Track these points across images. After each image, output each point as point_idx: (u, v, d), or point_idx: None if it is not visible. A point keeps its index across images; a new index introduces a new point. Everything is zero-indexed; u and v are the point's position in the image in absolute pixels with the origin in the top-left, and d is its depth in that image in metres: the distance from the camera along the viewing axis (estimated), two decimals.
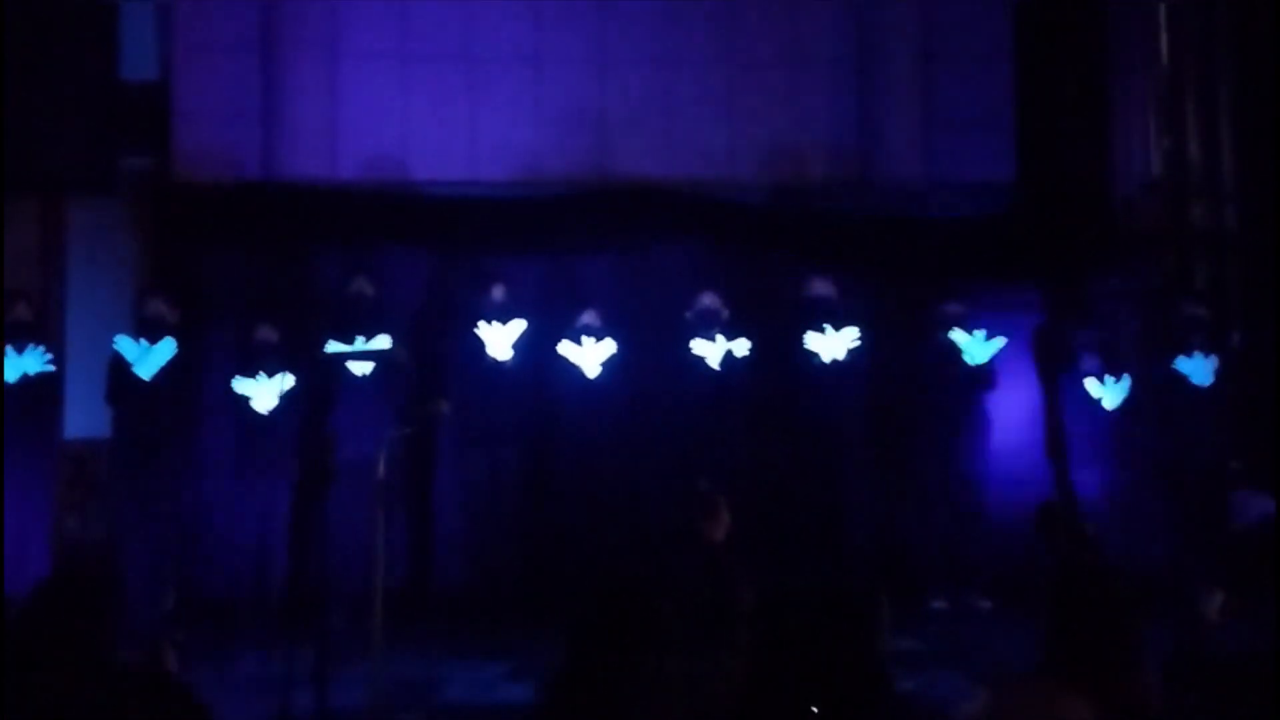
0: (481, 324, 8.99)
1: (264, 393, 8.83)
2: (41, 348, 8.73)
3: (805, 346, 9.13)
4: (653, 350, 9.21)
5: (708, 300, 9.10)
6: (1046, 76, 10.50)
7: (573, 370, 9.06)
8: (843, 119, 10.37)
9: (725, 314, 9.11)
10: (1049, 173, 10.28)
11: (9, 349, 8.58)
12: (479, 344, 8.98)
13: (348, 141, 10.10)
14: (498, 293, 9.12)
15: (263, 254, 9.57)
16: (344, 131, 10.11)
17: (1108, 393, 9.16)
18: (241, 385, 8.87)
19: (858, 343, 9.16)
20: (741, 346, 9.04)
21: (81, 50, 9.66)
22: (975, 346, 9.20)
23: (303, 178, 9.82)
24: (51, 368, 8.74)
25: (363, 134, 10.12)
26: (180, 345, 8.71)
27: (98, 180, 9.76)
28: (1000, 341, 9.21)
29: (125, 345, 8.67)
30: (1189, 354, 9.11)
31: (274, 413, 8.81)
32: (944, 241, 9.76)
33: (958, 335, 9.22)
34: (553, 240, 9.70)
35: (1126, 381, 9.17)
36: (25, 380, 8.62)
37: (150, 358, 8.63)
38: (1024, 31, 10.47)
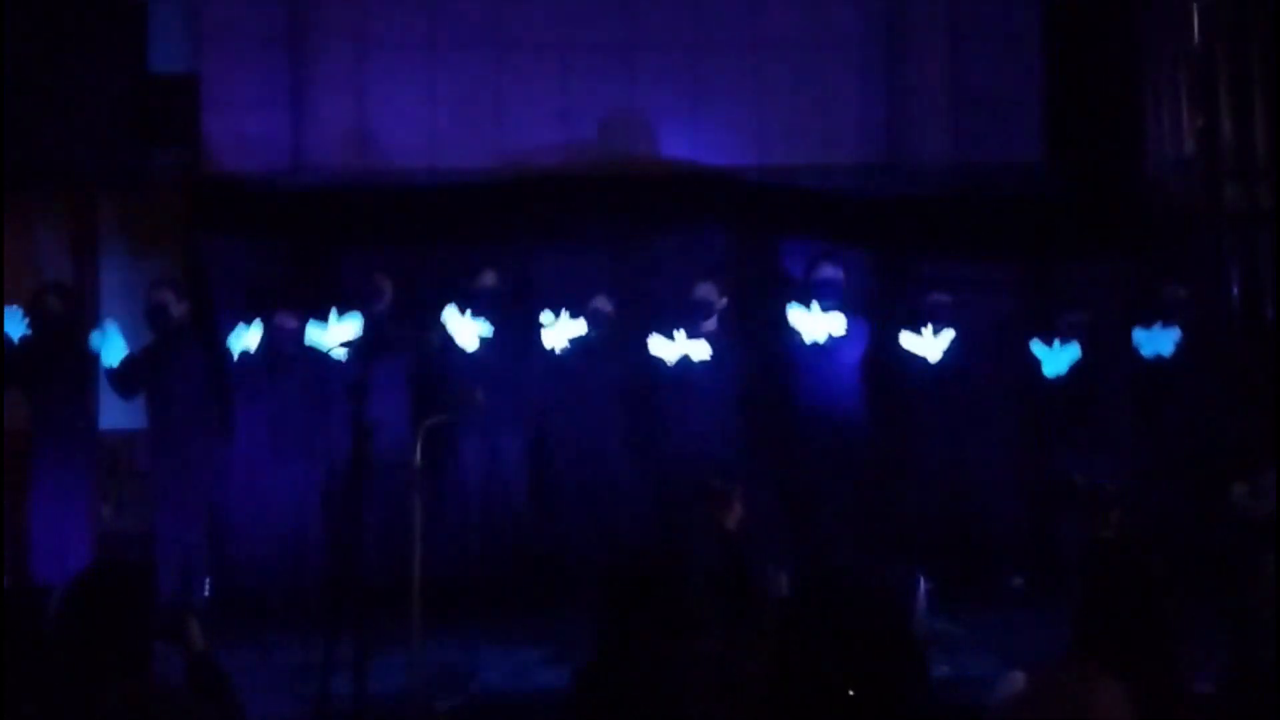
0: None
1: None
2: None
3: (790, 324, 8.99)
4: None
5: (702, 291, 8.99)
6: (1077, 56, 10.41)
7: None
8: (871, 100, 10.34)
9: (722, 303, 9.02)
10: (1079, 153, 10.21)
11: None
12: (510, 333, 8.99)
13: (376, 132, 10.14)
14: (488, 279, 9.08)
15: (291, 246, 9.58)
16: (372, 122, 10.16)
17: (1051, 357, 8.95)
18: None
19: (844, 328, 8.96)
20: (702, 350, 8.84)
21: (111, 43, 9.71)
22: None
23: (331, 168, 9.86)
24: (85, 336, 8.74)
25: (391, 124, 10.16)
26: (207, 337, 8.74)
27: (128, 173, 9.81)
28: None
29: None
30: (1148, 326, 8.98)
31: (308, 400, 8.84)
32: (973, 222, 9.69)
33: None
34: (582, 228, 9.66)
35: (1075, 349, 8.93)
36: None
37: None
38: (1053, 10, 10.41)
